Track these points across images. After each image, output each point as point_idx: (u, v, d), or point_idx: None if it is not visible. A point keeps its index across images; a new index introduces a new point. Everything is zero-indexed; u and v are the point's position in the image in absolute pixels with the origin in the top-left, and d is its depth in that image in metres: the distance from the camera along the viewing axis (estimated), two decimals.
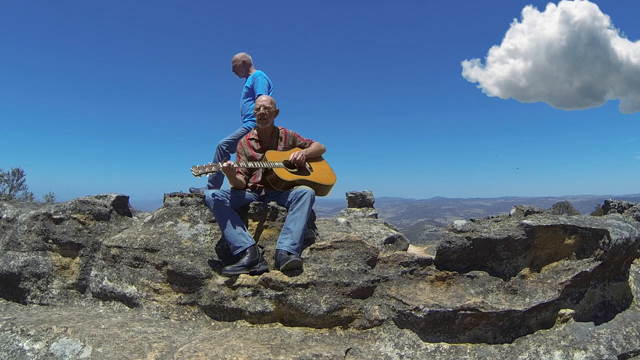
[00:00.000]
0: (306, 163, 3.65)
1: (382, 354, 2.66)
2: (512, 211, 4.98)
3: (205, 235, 3.43)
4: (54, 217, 3.72)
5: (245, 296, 3.00)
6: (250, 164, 3.41)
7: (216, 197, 3.18)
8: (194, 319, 3.09)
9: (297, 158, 3.52)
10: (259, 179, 3.56)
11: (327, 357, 2.50)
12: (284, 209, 3.38)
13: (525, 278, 2.92)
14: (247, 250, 3.10)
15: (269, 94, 4.70)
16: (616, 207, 4.71)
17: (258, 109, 3.53)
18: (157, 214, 3.71)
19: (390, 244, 4.03)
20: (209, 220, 3.51)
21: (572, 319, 2.84)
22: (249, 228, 3.35)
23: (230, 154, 4.88)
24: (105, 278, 3.43)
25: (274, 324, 2.95)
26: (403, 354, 2.66)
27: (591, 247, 2.95)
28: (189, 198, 3.70)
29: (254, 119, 4.64)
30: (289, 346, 2.65)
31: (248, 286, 3.02)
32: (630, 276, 3.29)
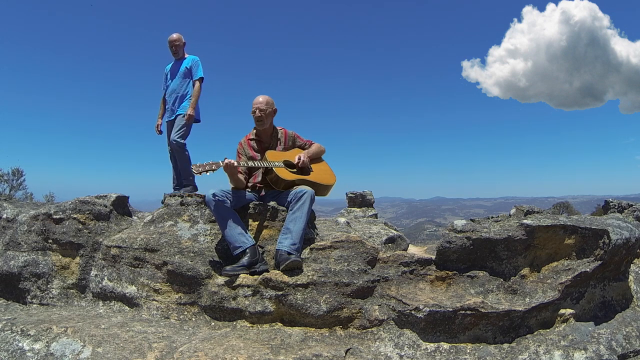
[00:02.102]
0: None
1: (382, 354, 2.66)
2: (512, 211, 4.97)
3: (205, 235, 3.43)
4: (54, 217, 3.72)
5: (245, 296, 3.00)
6: (250, 163, 3.41)
7: (216, 197, 3.18)
8: (194, 319, 3.09)
9: (303, 160, 3.51)
10: (259, 178, 3.56)
11: (327, 357, 2.50)
12: (284, 209, 3.38)
13: (525, 278, 2.92)
14: (247, 250, 3.10)
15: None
16: (616, 207, 4.71)
17: (254, 112, 3.51)
18: (157, 214, 3.71)
19: (390, 244, 4.03)
20: (209, 220, 3.51)
21: (572, 319, 2.84)
22: (249, 228, 3.35)
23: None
24: (105, 278, 3.43)
25: (274, 324, 2.95)
26: (403, 354, 2.66)
27: (591, 247, 2.95)
28: (189, 198, 3.70)
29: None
30: (289, 346, 2.65)
31: (248, 286, 3.02)
32: (630, 276, 3.29)
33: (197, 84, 4.90)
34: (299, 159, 3.51)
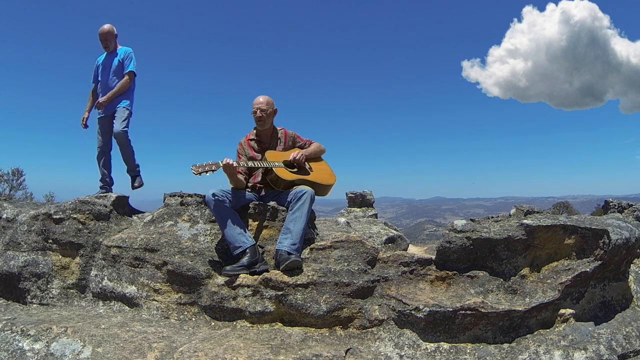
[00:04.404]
0: (306, 163, 3.66)
1: (382, 354, 2.66)
2: (512, 211, 4.98)
3: (205, 235, 3.43)
4: (54, 217, 3.72)
5: (245, 296, 3.00)
6: (250, 163, 3.42)
7: (216, 197, 3.18)
8: (194, 319, 3.09)
9: (297, 157, 3.51)
10: (259, 178, 3.56)
11: (327, 357, 2.50)
12: (284, 209, 3.38)
13: (525, 278, 2.92)
14: (247, 250, 3.10)
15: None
16: (616, 207, 4.70)
17: (255, 112, 3.51)
18: (157, 214, 3.71)
19: (390, 244, 4.03)
20: (209, 220, 3.51)
21: (572, 319, 2.84)
22: (249, 228, 3.35)
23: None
24: (105, 278, 3.43)
25: (274, 324, 2.95)
26: (403, 354, 2.66)
27: (591, 247, 2.94)
28: (189, 198, 3.71)
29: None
30: (289, 346, 2.65)
31: (248, 286, 3.02)
32: (630, 276, 3.29)
33: (126, 77, 4.64)
34: (294, 157, 3.51)
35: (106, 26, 4.72)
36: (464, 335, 2.73)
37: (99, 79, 4.80)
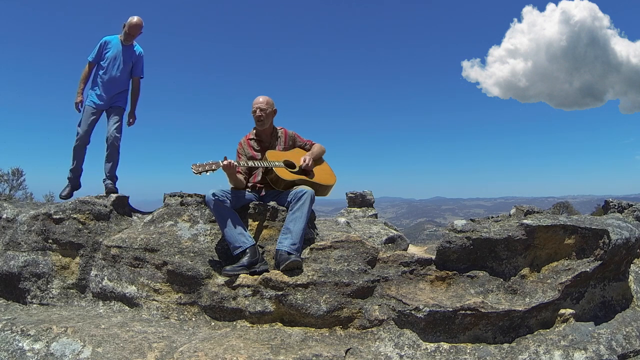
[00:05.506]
0: None
1: (382, 354, 2.66)
2: (512, 211, 4.98)
3: (205, 235, 3.43)
4: (54, 217, 3.72)
5: (245, 296, 3.00)
6: (250, 163, 3.42)
7: (216, 196, 3.18)
8: (194, 319, 3.09)
9: (308, 163, 3.52)
10: (259, 178, 3.56)
11: (327, 357, 2.50)
12: (284, 209, 3.38)
13: (525, 278, 2.92)
14: (247, 250, 3.10)
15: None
16: (616, 207, 4.70)
17: (254, 112, 3.52)
18: (157, 214, 3.71)
19: (390, 244, 4.03)
20: (209, 220, 3.51)
21: (572, 319, 2.84)
22: (249, 228, 3.35)
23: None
24: (105, 278, 3.43)
25: (274, 324, 2.95)
26: (403, 354, 2.66)
27: (591, 247, 2.95)
28: (189, 198, 3.71)
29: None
30: (289, 346, 2.65)
31: (248, 286, 3.02)
32: (630, 276, 3.29)
33: (139, 83, 4.64)
34: (304, 161, 3.52)
35: (138, 19, 4.53)
36: (464, 335, 2.74)
37: (105, 64, 4.52)
